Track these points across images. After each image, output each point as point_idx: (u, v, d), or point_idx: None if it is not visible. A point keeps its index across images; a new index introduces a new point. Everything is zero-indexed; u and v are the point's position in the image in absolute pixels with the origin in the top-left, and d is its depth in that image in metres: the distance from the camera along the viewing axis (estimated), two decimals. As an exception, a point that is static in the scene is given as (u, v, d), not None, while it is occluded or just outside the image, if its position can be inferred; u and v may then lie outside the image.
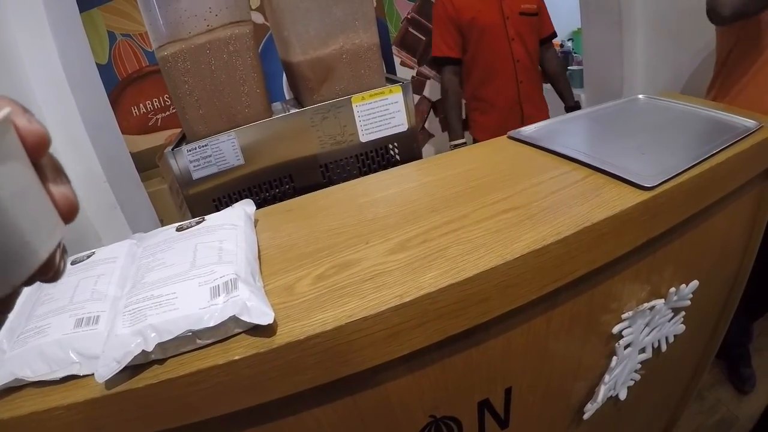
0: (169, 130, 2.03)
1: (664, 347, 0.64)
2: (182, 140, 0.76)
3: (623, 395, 0.63)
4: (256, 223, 0.57)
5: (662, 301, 0.58)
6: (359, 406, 0.44)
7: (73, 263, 0.49)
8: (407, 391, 0.46)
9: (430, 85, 2.37)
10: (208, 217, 0.53)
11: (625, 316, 0.56)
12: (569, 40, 2.53)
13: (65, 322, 0.40)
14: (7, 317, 0.21)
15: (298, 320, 0.39)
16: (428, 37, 2.30)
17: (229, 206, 0.57)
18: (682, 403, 0.92)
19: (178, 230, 0.51)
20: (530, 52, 1.57)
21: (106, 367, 0.35)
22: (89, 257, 0.50)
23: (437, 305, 0.40)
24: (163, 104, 2.01)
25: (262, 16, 1.89)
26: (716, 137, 0.59)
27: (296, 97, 0.89)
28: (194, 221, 0.52)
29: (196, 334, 0.37)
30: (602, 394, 0.60)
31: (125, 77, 1.93)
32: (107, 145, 0.93)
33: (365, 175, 0.76)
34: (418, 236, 0.48)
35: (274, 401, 0.39)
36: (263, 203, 0.76)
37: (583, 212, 0.48)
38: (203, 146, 0.70)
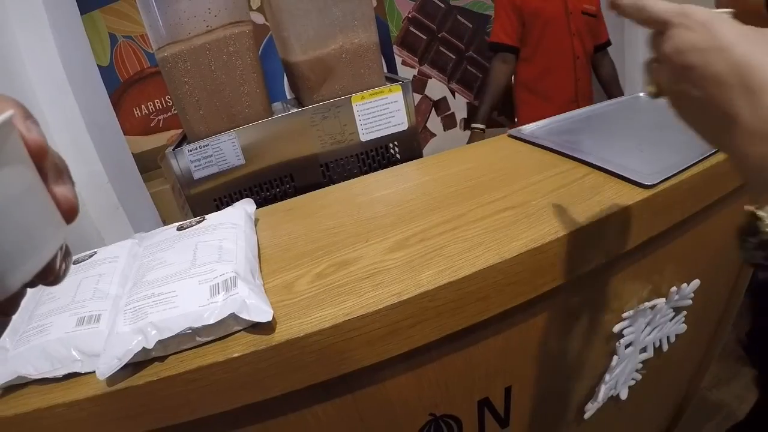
0: (171, 130, 2.04)
1: (665, 347, 0.64)
2: (183, 140, 0.76)
3: (624, 395, 0.63)
4: (256, 222, 0.58)
5: (663, 300, 0.58)
6: (358, 403, 0.44)
7: (75, 263, 0.49)
8: (406, 388, 0.46)
9: (431, 84, 2.37)
10: (208, 216, 0.54)
11: (625, 315, 0.56)
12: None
13: (67, 320, 0.40)
14: (11, 319, 0.21)
15: (296, 318, 0.39)
16: (429, 36, 2.30)
17: (230, 206, 0.58)
18: (684, 403, 0.92)
19: (178, 229, 0.52)
20: (588, 51, 1.56)
21: (107, 364, 0.35)
22: (91, 257, 0.50)
23: (435, 303, 0.40)
24: (164, 105, 2.02)
25: (262, 16, 1.90)
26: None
27: (296, 96, 0.89)
28: (195, 220, 0.53)
29: (195, 331, 0.37)
30: (603, 393, 0.60)
31: (127, 79, 1.94)
32: (109, 146, 0.94)
33: (366, 174, 0.76)
34: (416, 235, 0.49)
35: (273, 398, 0.39)
36: (264, 202, 0.76)
37: (582, 210, 0.47)
38: (204, 146, 0.71)
